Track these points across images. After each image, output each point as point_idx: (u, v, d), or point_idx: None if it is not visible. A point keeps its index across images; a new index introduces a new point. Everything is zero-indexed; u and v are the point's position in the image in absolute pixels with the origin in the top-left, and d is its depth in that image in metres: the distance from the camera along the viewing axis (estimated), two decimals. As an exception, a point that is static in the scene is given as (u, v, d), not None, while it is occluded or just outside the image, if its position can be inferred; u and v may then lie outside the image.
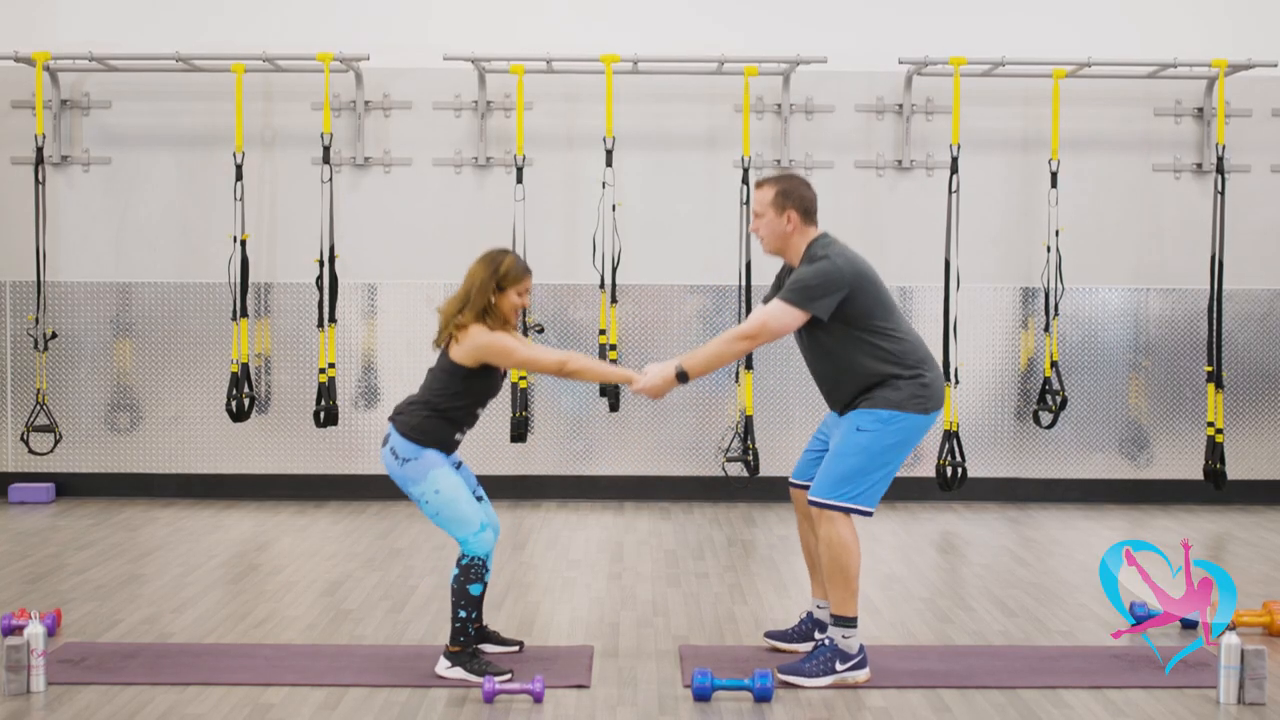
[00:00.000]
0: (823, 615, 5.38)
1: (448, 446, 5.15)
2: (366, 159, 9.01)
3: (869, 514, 5.09)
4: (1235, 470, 8.89)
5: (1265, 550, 7.65)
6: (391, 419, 5.15)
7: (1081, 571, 6.98)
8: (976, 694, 4.98)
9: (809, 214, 5.22)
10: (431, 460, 5.07)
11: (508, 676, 5.01)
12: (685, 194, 9.06)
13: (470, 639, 5.09)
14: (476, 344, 5.04)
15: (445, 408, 5.10)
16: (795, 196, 5.20)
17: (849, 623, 5.06)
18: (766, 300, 5.30)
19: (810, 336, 5.18)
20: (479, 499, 5.31)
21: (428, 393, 5.14)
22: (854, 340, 5.07)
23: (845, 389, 5.13)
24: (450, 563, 6.90)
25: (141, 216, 9.04)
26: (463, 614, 5.04)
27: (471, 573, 5.05)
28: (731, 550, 7.51)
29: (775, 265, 9.14)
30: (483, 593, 5.13)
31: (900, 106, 9.03)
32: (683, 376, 5.14)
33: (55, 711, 4.70)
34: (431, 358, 5.27)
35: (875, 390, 5.07)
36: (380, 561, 7.12)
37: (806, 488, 5.29)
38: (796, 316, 5.06)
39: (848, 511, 5.04)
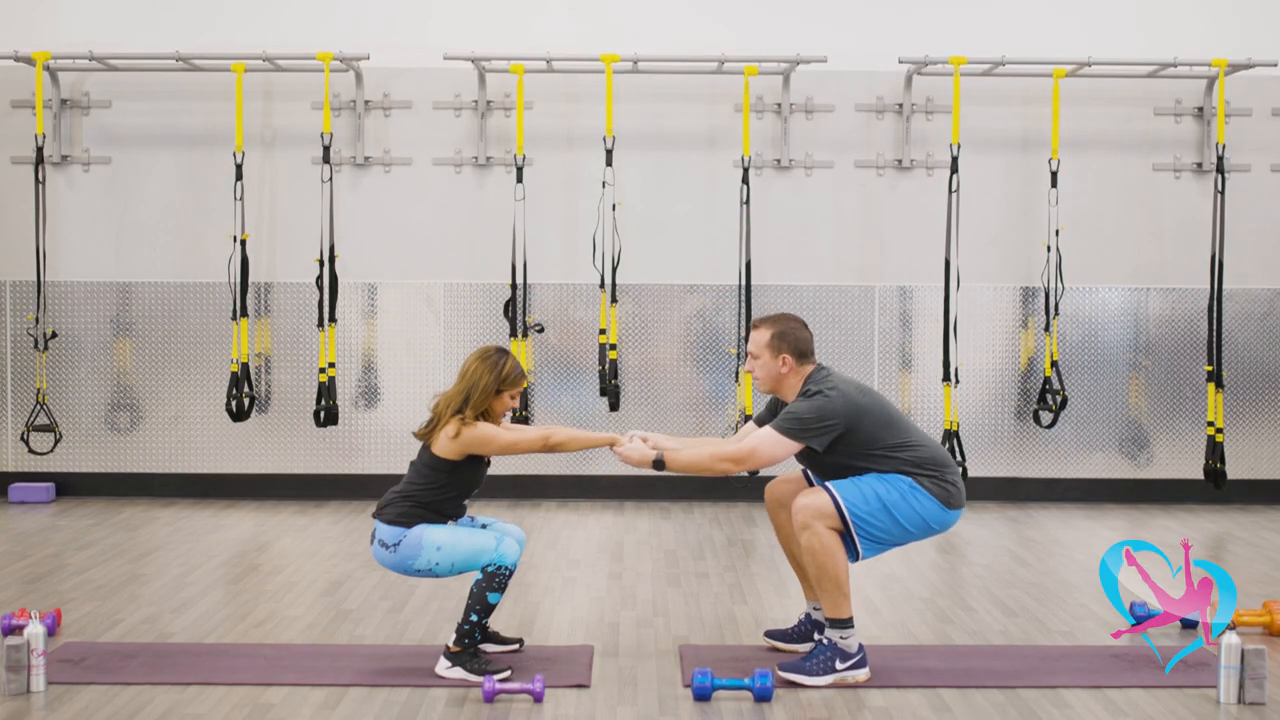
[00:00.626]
0: (819, 617, 5.38)
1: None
2: (366, 159, 9.01)
3: (857, 557, 5.04)
4: (1235, 470, 8.89)
5: (1265, 550, 7.65)
6: (376, 514, 5.19)
7: (1081, 571, 6.98)
8: (976, 694, 4.98)
9: (804, 355, 5.22)
10: (418, 530, 5.11)
11: (507, 674, 5.01)
12: (685, 194, 9.06)
13: (474, 642, 5.09)
14: (459, 439, 5.07)
15: (429, 501, 5.15)
16: (790, 339, 5.21)
17: (845, 624, 5.05)
18: (759, 423, 5.33)
19: (813, 457, 5.16)
20: (483, 527, 5.32)
21: (411, 487, 5.18)
22: (863, 459, 5.07)
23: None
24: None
25: (141, 216, 9.04)
26: (474, 618, 5.04)
27: (495, 580, 5.05)
28: (731, 550, 7.51)
29: (775, 266, 9.17)
30: (499, 602, 5.14)
31: (900, 106, 9.03)
32: (659, 464, 5.27)
33: (55, 711, 4.70)
34: (431, 356, 5.27)
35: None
36: (380, 561, 7.11)
37: (803, 474, 5.30)
38: (789, 447, 5.08)
39: (841, 532, 5.02)
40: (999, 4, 9.14)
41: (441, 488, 5.15)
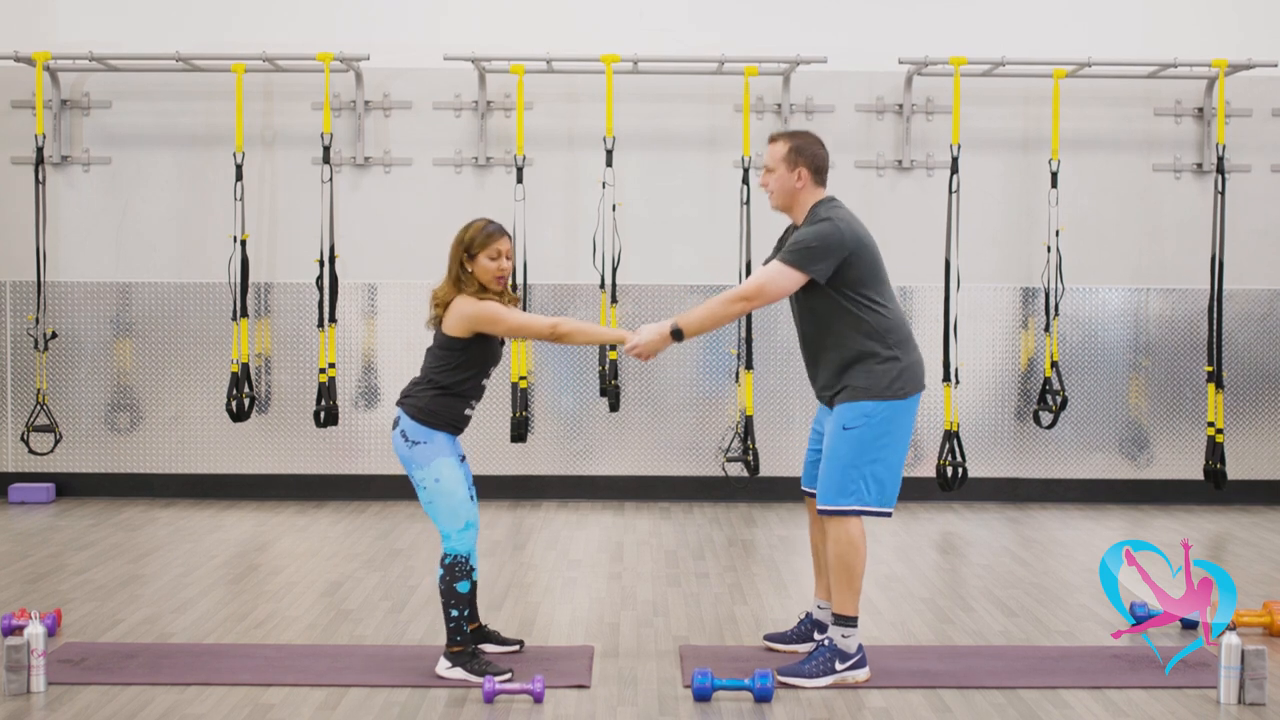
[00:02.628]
0: (823, 616, 5.38)
1: (458, 425, 5.15)
2: (366, 159, 9.01)
3: (887, 514, 5.09)
4: (1235, 470, 8.89)
5: (1265, 550, 7.65)
6: (400, 403, 5.16)
7: (1082, 571, 6.98)
8: (976, 694, 4.98)
9: (820, 173, 5.21)
10: (440, 447, 5.08)
11: (508, 676, 5.02)
12: (685, 194, 9.06)
13: (467, 637, 5.09)
14: (464, 313, 5.05)
15: (449, 383, 5.11)
16: (808, 154, 5.20)
17: (849, 622, 5.06)
18: (767, 262, 5.28)
19: (803, 299, 5.17)
20: (470, 498, 5.31)
21: (430, 371, 5.15)
22: (841, 308, 5.07)
23: (827, 361, 5.14)
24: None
25: (141, 216, 9.04)
26: (454, 613, 5.05)
27: (456, 570, 5.06)
28: (731, 550, 7.51)
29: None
30: (471, 589, 5.14)
31: (900, 106, 9.03)
32: (678, 334, 5.15)
33: (55, 711, 4.70)
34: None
35: (853, 370, 5.06)
36: (380, 561, 7.12)
37: (813, 494, 5.30)
38: (795, 279, 5.06)
39: (859, 514, 5.05)
40: (999, 4, 9.14)
41: (457, 367, 5.10)
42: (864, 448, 5.03)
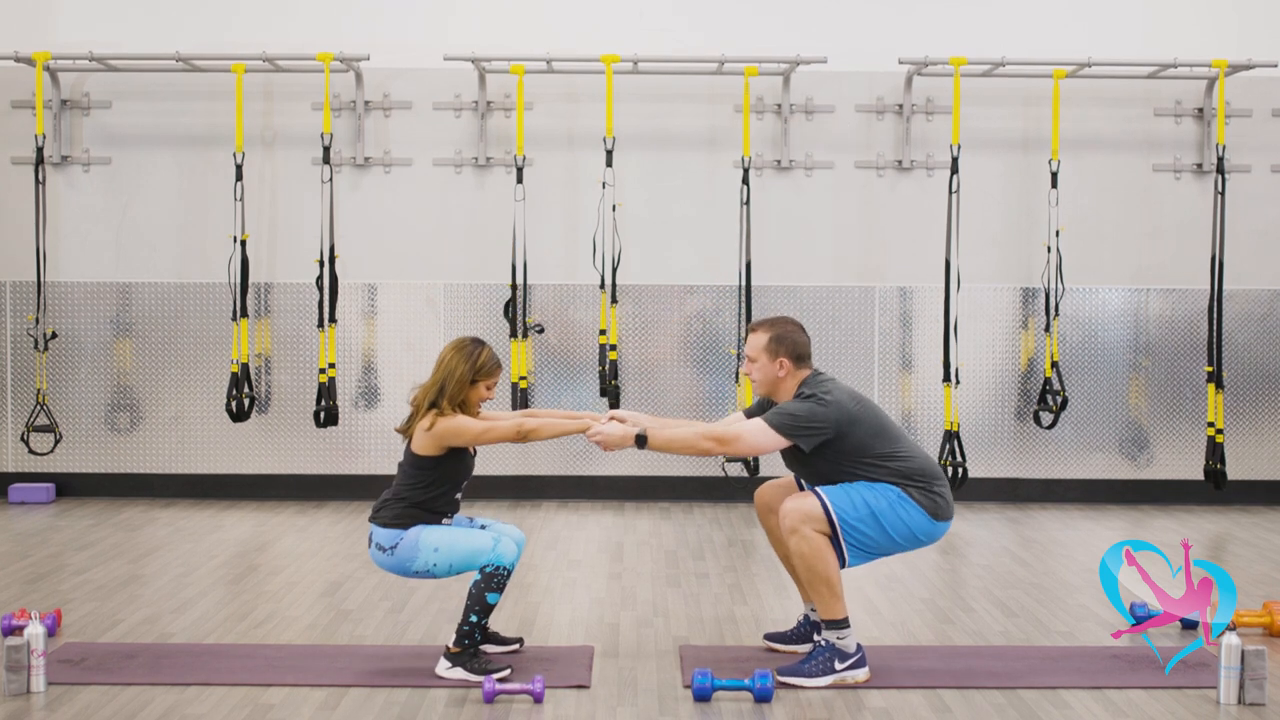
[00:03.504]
0: (817, 618, 5.38)
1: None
2: (366, 159, 9.01)
3: (843, 563, 5.04)
4: (1235, 470, 8.89)
5: (1265, 550, 7.65)
6: (371, 519, 5.20)
7: (1082, 572, 6.98)
8: (976, 694, 4.98)
9: (801, 359, 5.22)
10: (415, 532, 5.11)
11: (507, 672, 5.01)
12: (685, 194, 9.06)
13: (475, 643, 5.09)
14: (430, 433, 5.08)
15: (422, 500, 5.15)
16: (788, 343, 5.20)
17: (840, 625, 5.06)
18: (749, 414, 5.32)
19: (798, 458, 5.17)
20: (482, 528, 5.32)
21: (402, 489, 5.18)
22: (850, 465, 5.08)
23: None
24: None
25: (141, 216, 9.04)
26: (474, 619, 5.04)
27: (494, 581, 5.05)
28: (731, 550, 7.51)
29: (775, 266, 9.17)
30: (498, 602, 5.13)
31: (900, 106, 9.03)
32: (641, 441, 5.15)
33: (55, 711, 4.70)
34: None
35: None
36: (380, 561, 7.11)
37: (793, 486, 5.31)
38: (775, 442, 5.08)
39: (829, 536, 5.02)
40: (999, 4, 9.14)
41: (429, 485, 5.15)
42: (884, 513, 5.02)
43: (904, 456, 5.11)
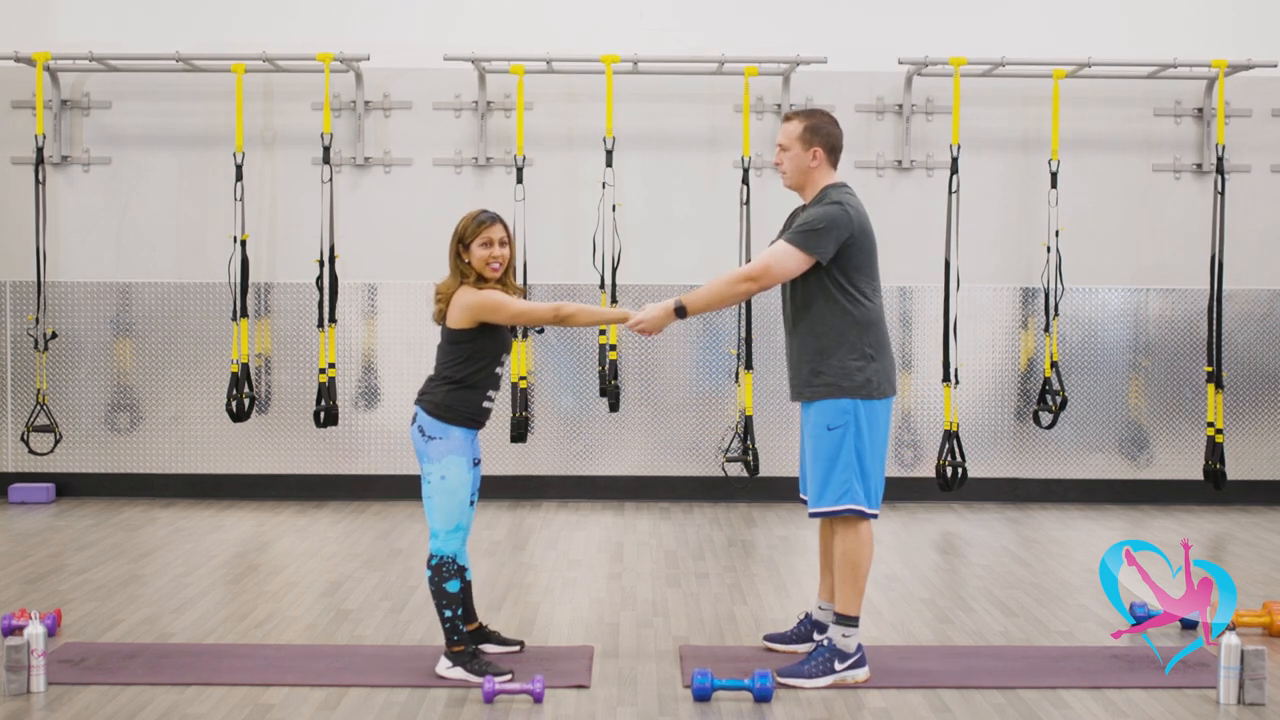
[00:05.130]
0: (824, 616, 5.39)
1: (477, 418, 5.15)
2: (366, 159, 9.01)
3: (873, 516, 5.10)
4: (1235, 470, 8.89)
5: (1265, 550, 7.65)
6: (417, 400, 5.16)
7: (1081, 572, 6.98)
8: (976, 694, 4.99)
9: (835, 152, 5.21)
10: (455, 444, 5.08)
11: (508, 676, 5.02)
12: (685, 194, 9.06)
13: (465, 636, 5.09)
14: (465, 304, 5.06)
15: (462, 376, 5.11)
16: (824, 133, 5.19)
17: (851, 622, 5.06)
18: (774, 242, 5.29)
19: (794, 284, 5.19)
20: (470, 503, 5.32)
21: (442, 367, 5.16)
22: (829, 293, 5.10)
23: (803, 346, 5.16)
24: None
25: (141, 216, 9.04)
26: (448, 613, 5.05)
27: (444, 570, 5.07)
28: (731, 550, 7.51)
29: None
30: (463, 588, 5.14)
31: (900, 107, 9.03)
32: (681, 311, 5.15)
33: (55, 711, 4.70)
34: (431, 356, 5.27)
35: (828, 363, 5.09)
36: (380, 561, 7.12)
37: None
38: (801, 260, 5.08)
39: (860, 515, 5.05)
40: (999, 5, 9.14)
41: (468, 359, 5.10)
42: (848, 446, 5.05)
43: (868, 306, 5.16)
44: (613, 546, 7.60)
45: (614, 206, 8.61)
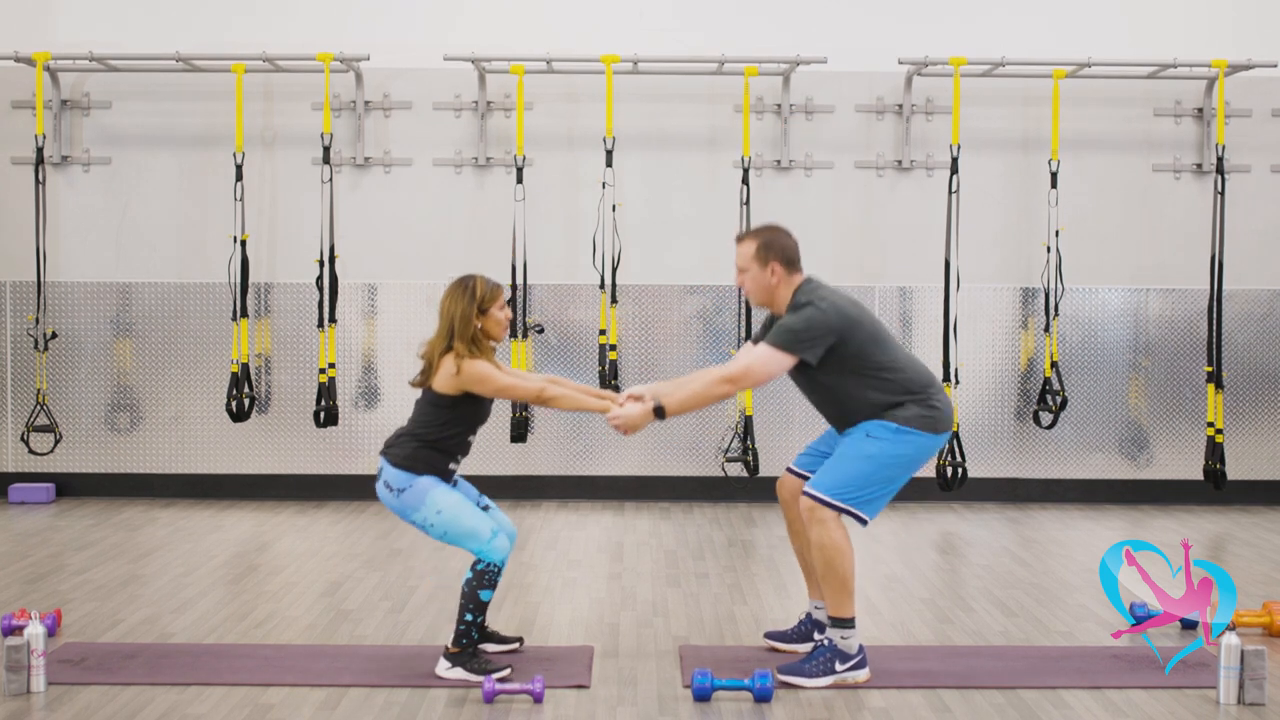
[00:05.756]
0: (821, 616, 5.38)
1: (442, 475, 5.16)
2: (366, 159, 9.01)
3: (864, 521, 5.09)
4: (1235, 470, 8.89)
5: (1265, 550, 7.65)
6: (383, 453, 5.16)
7: (1081, 572, 6.98)
8: (976, 694, 4.98)
9: (792, 263, 5.20)
10: (426, 484, 5.07)
11: (507, 672, 5.02)
12: (685, 194, 9.06)
13: (473, 642, 5.09)
14: (454, 373, 5.06)
15: (435, 438, 5.12)
16: (777, 247, 5.18)
17: (847, 624, 5.06)
18: (755, 342, 5.29)
19: (806, 377, 5.17)
20: (485, 509, 5.31)
21: (416, 425, 5.16)
22: (854, 378, 5.07)
23: (853, 418, 5.14)
24: (451, 562, 6.90)
25: (141, 216, 9.04)
26: (469, 617, 5.04)
27: (485, 578, 5.05)
28: (731, 550, 7.51)
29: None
30: (491, 599, 5.13)
31: (900, 107, 9.03)
32: (660, 412, 5.14)
33: (55, 711, 4.70)
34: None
35: (886, 410, 5.09)
36: (380, 561, 7.12)
37: (804, 478, 5.29)
38: (783, 362, 5.07)
39: (840, 512, 5.04)
40: (999, 5, 9.14)
41: (445, 424, 5.11)
42: (882, 463, 5.03)
43: (901, 367, 5.09)
44: (613, 546, 7.60)
45: (614, 206, 8.61)
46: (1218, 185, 8.62)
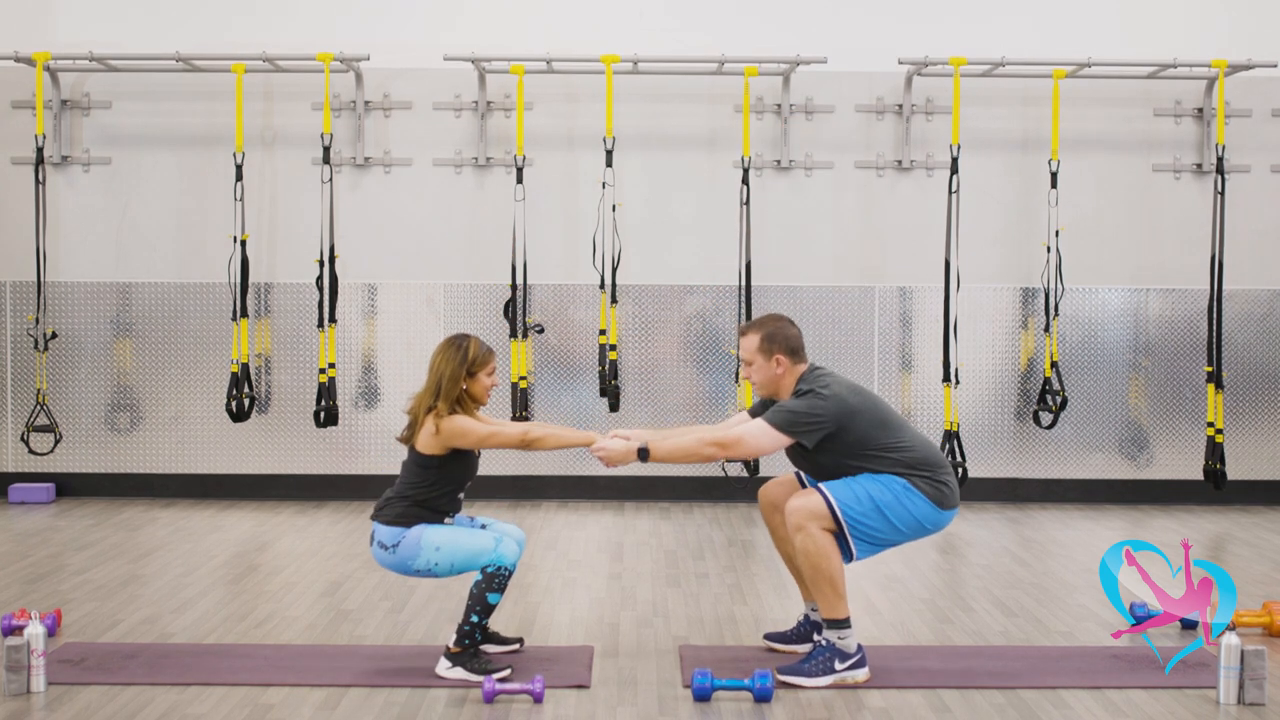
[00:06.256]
0: (817, 618, 5.38)
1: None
2: (366, 159, 9.01)
3: (850, 557, 5.05)
4: (1235, 470, 8.89)
5: (1265, 550, 7.65)
6: (374, 517, 5.20)
7: (1081, 572, 6.98)
8: (976, 694, 4.98)
9: (796, 353, 5.22)
10: (417, 531, 5.11)
11: (507, 672, 5.02)
12: (685, 194, 9.06)
13: (475, 643, 5.09)
14: (434, 433, 5.08)
15: (425, 499, 5.15)
16: (780, 339, 5.20)
17: (842, 624, 5.06)
18: (752, 413, 5.31)
19: (806, 460, 5.18)
20: (482, 527, 5.32)
21: (405, 487, 5.19)
22: (855, 460, 5.08)
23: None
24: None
25: (141, 216, 9.04)
26: (474, 619, 5.04)
27: (495, 581, 5.05)
28: (731, 550, 7.51)
29: (775, 266, 9.16)
30: (499, 602, 5.14)
31: (900, 107, 9.03)
32: (643, 455, 5.16)
33: (55, 711, 4.70)
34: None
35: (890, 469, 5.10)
36: (380, 561, 7.11)
37: (796, 476, 5.30)
38: (777, 441, 5.09)
39: (829, 530, 5.03)
40: (999, 5, 9.14)
41: (433, 484, 5.15)
42: (890, 505, 5.02)
43: (907, 446, 5.11)
44: (613, 546, 7.60)
45: (614, 206, 8.61)
46: (1218, 185, 8.62)
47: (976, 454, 8.91)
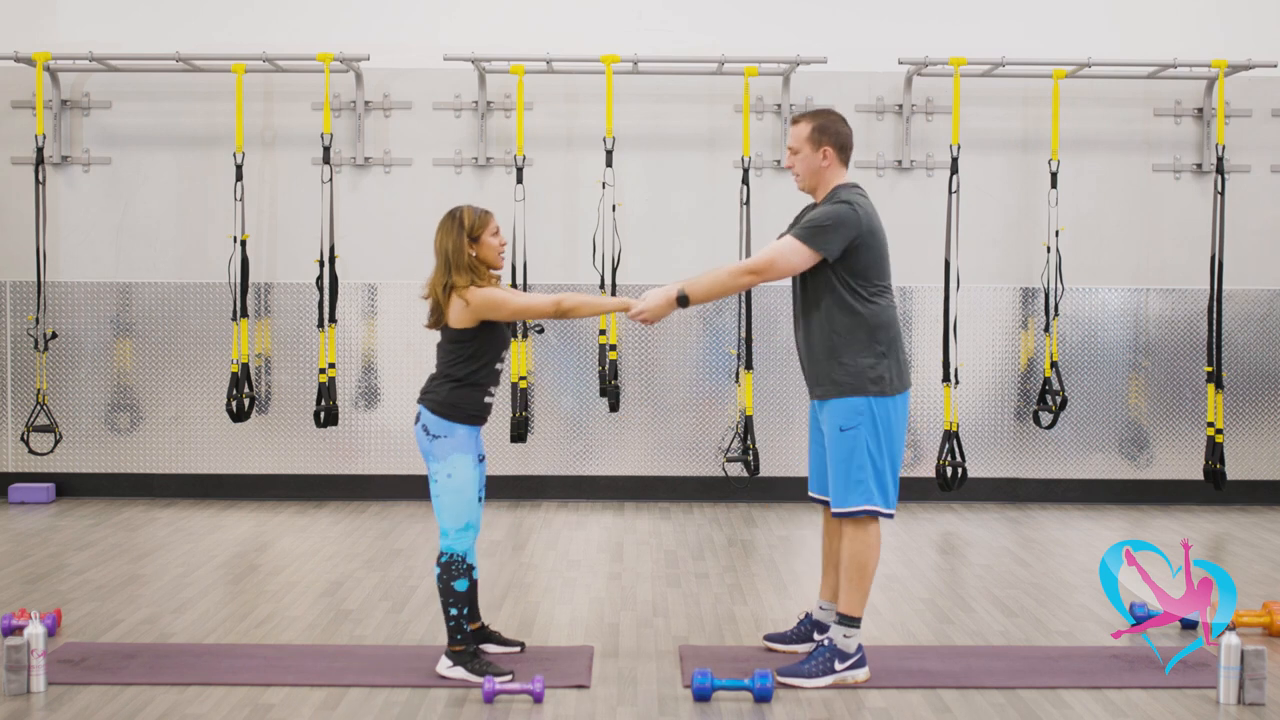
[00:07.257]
0: (824, 616, 5.39)
1: (480, 414, 5.17)
2: (366, 159, 9.01)
3: (890, 515, 5.12)
4: (1235, 470, 8.89)
5: (1265, 550, 7.65)
6: (420, 399, 5.18)
7: (1081, 572, 6.98)
8: (976, 694, 4.99)
9: (844, 150, 5.20)
10: (460, 442, 5.09)
11: (509, 677, 5.02)
12: (685, 195, 9.06)
13: (468, 636, 5.09)
14: (469, 303, 5.06)
15: (464, 375, 5.12)
16: (832, 132, 5.17)
17: (853, 622, 5.07)
18: (781, 237, 5.29)
19: (806, 279, 5.18)
20: (478, 500, 5.32)
21: (444, 366, 5.18)
22: (839, 293, 5.07)
23: (816, 344, 5.15)
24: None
25: (141, 216, 9.04)
26: (454, 611, 5.05)
27: (453, 569, 5.07)
28: (731, 550, 7.51)
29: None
30: (470, 588, 5.15)
31: (900, 107, 9.04)
32: (683, 300, 5.14)
33: (55, 711, 4.70)
34: (431, 356, 5.27)
35: (840, 361, 5.07)
36: (380, 561, 7.12)
37: (827, 502, 5.30)
38: (806, 255, 5.07)
39: (875, 515, 5.07)
40: (999, 4, 9.14)
41: (470, 358, 5.12)
42: (865, 449, 5.05)
43: (880, 306, 5.09)
44: (613, 546, 7.60)
45: (614, 206, 8.61)
46: (1218, 185, 8.62)
47: (976, 454, 8.91)
